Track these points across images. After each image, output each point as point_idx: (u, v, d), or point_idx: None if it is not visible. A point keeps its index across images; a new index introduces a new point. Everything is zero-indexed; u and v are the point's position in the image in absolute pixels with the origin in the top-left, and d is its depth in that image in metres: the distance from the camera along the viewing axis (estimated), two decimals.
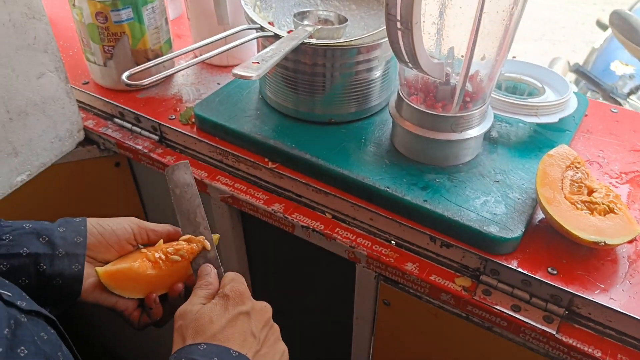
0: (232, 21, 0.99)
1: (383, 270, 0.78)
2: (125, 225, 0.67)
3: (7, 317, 0.48)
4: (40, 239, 0.61)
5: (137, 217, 1.14)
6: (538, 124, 0.87)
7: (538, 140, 0.85)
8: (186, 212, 0.68)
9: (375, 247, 0.78)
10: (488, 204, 0.74)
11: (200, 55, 0.97)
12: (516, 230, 0.70)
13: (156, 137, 0.96)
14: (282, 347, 0.60)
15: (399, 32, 0.64)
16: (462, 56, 0.69)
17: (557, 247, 0.72)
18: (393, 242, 0.78)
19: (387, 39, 0.68)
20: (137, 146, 0.96)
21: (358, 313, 0.89)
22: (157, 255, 0.66)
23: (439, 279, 0.74)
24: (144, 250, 0.67)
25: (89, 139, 1.01)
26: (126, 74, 0.70)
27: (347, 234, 0.80)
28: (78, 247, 0.62)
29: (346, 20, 0.88)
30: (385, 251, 0.77)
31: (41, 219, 1.11)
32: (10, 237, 0.60)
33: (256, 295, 1.05)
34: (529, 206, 0.74)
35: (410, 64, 0.68)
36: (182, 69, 0.80)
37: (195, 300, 0.60)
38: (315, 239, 0.82)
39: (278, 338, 0.61)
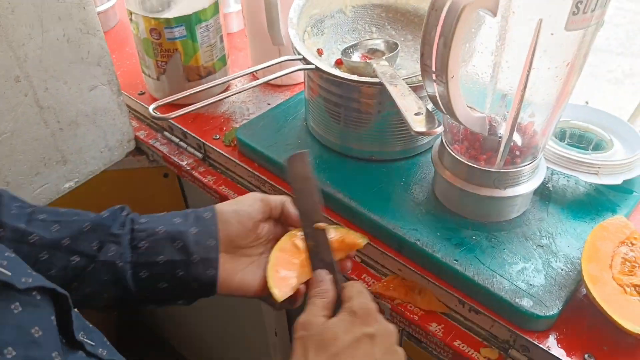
0: (287, 41, 0.97)
1: (407, 327, 0.73)
2: (256, 205, 0.64)
3: None
4: (174, 244, 0.60)
5: None
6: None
7: (597, 202, 0.76)
8: (305, 210, 0.64)
9: (401, 301, 0.73)
10: (525, 272, 0.67)
11: (257, 77, 0.95)
12: (552, 308, 0.63)
13: (200, 155, 0.96)
14: None
15: (435, 84, 0.59)
16: (508, 112, 0.63)
17: (600, 330, 0.64)
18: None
19: None
20: (182, 162, 0.96)
21: None
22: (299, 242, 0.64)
23: (463, 346, 0.68)
24: (297, 241, 0.64)
25: (139, 149, 1.03)
26: (153, 105, 0.70)
27: (373, 282, 0.76)
28: (211, 251, 0.61)
29: (397, 46, 0.82)
30: (410, 307, 0.72)
31: None
32: (147, 245, 0.60)
33: (290, 326, 1.02)
34: (572, 280, 0.66)
35: (448, 116, 0.63)
36: (233, 95, 0.78)
37: (316, 310, 0.57)
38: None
39: None
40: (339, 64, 0.84)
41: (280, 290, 0.61)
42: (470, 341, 0.69)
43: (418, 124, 0.60)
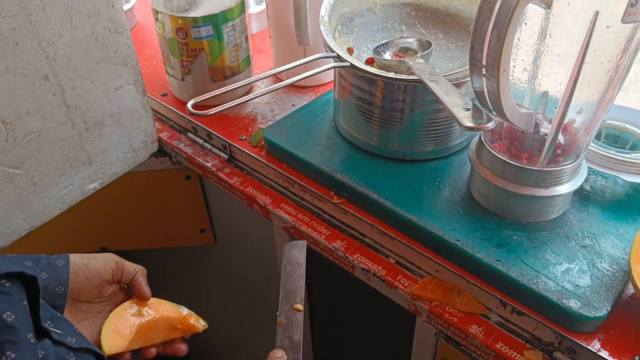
0: (312, 41, 0.96)
1: (445, 329, 0.71)
2: (107, 266, 0.67)
3: None
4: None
5: (203, 230, 1.14)
6: None
7: (638, 202, 0.75)
8: (288, 290, 0.68)
9: (439, 302, 0.71)
10: (571, 273, 0.66)
11: (280, 79, 0.94)
12: (601, 309, 0.62)
13: (225, 156, 0.95)
14: None
15: (484, 79, 0.58)
16: (556, 108, 0.61)
17: None
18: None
19: None
20: (207, 163, 0.95)
21: None
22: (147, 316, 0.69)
23: (505, 349, 0.67)
24: (130, 315, 0.69)
25: (162, 150, 1.02)
26: (192, 102, 0.68)
27: (409, 283, 0.74)
28: (59, 298, 0.61)
29: (430, 44, 0.81)
30: (449, 308, 0.71)
31: (111, 224, 1.13)
32: None
33: (314, 332, 1.01)
34: (619, 281, 0.65)
35: (494, 112, 0.61)
36: (259, 95, 0.77)
37: None
38: (375, 284, 0.77)
39: None
40: (370, 62, 0.83)
41: (110, 343, 0.64)
42: (512, 343, 0.67)
43: (467, 119, 0.58)
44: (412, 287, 0.73)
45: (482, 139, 0.72)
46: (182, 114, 0.99)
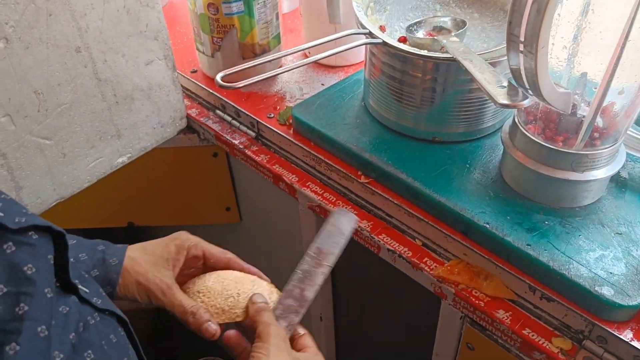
0: (344, 20, 0.95)
1: (471, 313, 0.70)
2: (169, 244, 0.65)
3: (77, 319, 0.47)
4: None
5: (228, 208, 1.15)
6: None
7: None
8: (320, 248, 0.65)
9: (466, 286, 0.70)
10: (604, 260, 0.64)
11: (309, 54, 0.93)
12: (635, 297, 0.60)
13: (253, 134, 0.94)
14: None
15: (521, 55, 0.56)
16: (596, 88, 0.59)
17: None
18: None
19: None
20: (234, 141, 0.95)
21: (438, 350, 0.82)
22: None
23: (533, 335, 0.65)
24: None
25: (190, 127, 1.02)
26: (221, 74, 0.68)
27: (435, 266, 0.73)
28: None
29: (465, 24, 0.79)
30: (475, 292, 0.70)
31: (138, 200, 1.14)
32: None
33: (336, 312, 1.00)
34: None
35: (530, 91, 0.59)
36: (287, 70, 0.77)
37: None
38: (400, 265, 0.76)
39: None
40: (402, 41, 0.81)
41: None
42: (540, 330, 0.66)
43: (502, 97, 0.57)
44: (438, 269, 0.72)
45: (516, 120, 0.70)
46: (211, 90, 0.99)
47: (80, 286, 0.51)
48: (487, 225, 0.68)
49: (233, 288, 0.63)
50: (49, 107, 0.77)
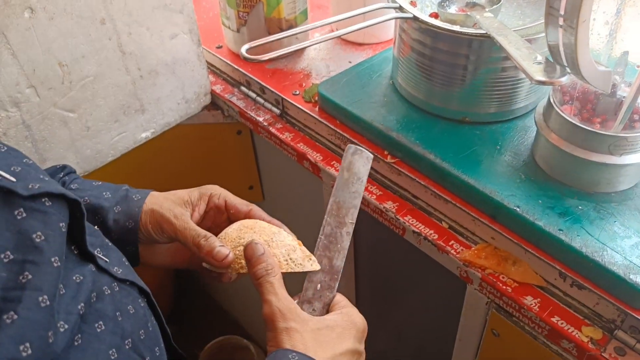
0: None
1: (497, 298, 0.68)
2: (192, 192, 0.64)
3: (90, 289, 0.46)
4: (95, 218, 0.60)
5: (251, 187, 1.14)
6: None
7: None
8: (340, 203, 0.59)
9: (493, 271, 0.68)
10: None
11: (337, 29, 0.91)
12: None
13: (277, 111, 0.93)
14: None
15: (560, 30, 0.53)
16: (639, 66, 0.56)
17: None
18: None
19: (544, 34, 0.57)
20: (259, 117, 0.93)
21: (462, 335, 0.81)
22: None
23: (562, 323, 0.63)
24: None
25: (214, 103, 1.01)
26: (246, 46, 0.66)
27: (461, 249, 0.71)
28: (129, 234, 0.60)
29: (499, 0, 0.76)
30: (503, 277, 0.67)
31: (160, 175, 1.14)
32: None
33: (358, 294, 0.98)
34: None
35: (568, 69, 0.57)
36: (313, 44, 0.75)
37: (285, 294, 0.54)
38: (426, 248, 0.74)
39: None
40: (434, 17, 0.78)
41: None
42: (570, 318, 0.64)
43: (538, 73, 0.54)
44: (464, 253, 0.70)
45: (552, 100, 0.67)
46: (236, 66, 0.98)
47: (100, 255, 0.50)
48: (517, 209, 0.66)
49: (248, 237, 0.57)
50: (73, 79, 0.77)
